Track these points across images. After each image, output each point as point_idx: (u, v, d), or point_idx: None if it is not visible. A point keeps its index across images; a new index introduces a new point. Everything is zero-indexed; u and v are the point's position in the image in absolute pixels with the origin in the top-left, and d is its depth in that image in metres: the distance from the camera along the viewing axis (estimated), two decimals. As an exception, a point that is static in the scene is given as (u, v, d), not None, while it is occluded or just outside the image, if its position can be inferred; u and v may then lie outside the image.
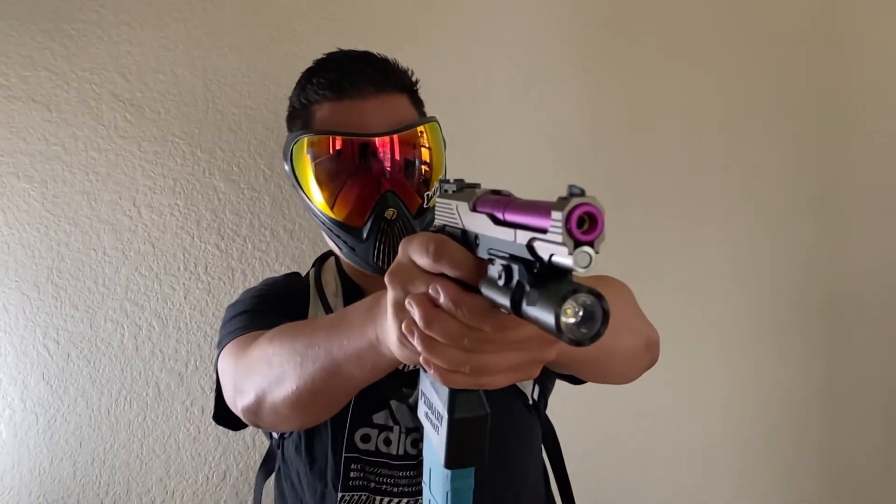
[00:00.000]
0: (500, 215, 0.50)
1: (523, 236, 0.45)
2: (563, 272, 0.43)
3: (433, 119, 1.09)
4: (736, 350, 1.77)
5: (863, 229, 1.82)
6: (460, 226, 0.58)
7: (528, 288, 0.44)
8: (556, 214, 0.40)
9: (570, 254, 0.39)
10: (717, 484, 1.77)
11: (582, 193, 0.40)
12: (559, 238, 0.40)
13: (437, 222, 0.65)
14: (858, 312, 1.84)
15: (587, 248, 0.39)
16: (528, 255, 0.44)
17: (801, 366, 1.81)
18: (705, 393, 1.75)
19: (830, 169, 1.81)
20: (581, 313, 0.41)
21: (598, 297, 0.41)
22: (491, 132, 1.58)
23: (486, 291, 0.49)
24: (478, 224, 0.54)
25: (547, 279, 0.44)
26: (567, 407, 1.28)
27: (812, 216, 1.80)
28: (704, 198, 1.72)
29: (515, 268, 0.46)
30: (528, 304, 0.43)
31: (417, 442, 1.01)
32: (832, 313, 1.83)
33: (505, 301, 0.46)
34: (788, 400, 1.80)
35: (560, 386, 1.12)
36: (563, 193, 0.41)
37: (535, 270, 0.44)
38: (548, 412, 1.17)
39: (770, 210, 1.77)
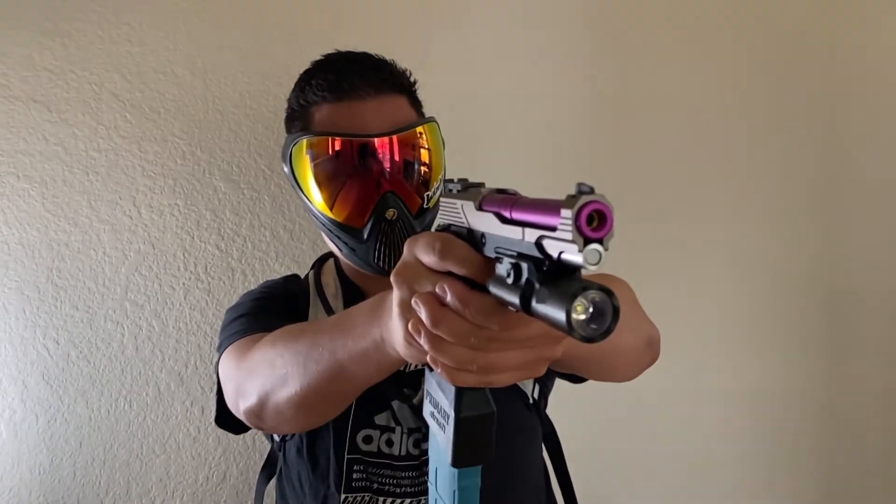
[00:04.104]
0: (507, 214, 0.50)
1: (532, 234, 0.45)
2: (571, 269, 0.44)
3: (432, 119, 1.09)
4: (737, 348, 1.77)
5: (864, 227, 1.82)
6: (466, 225, 0.58)
7: (537, 286, 0.44)
8: (566, 212, 0.40)
9: (580, 251, 0.39)
10: (717, 482, 1.77)
11: (591, 191, 0.40)
12: (569, 235, 0.40)
13: (442, 222, 0.65)
14: (860, 310, 1.84)
15: (597, 246, 0.40)
16: (536, 253, 0.45)
17: (803, 364, 1.81)
18: (706, 391, 1.75)
19: (832, 167, 1.81)
20: (591, 310, 0.42)
21: (608, 293, 0.42)
22: (491, 132, 1.59)
23: (495, 290, 0.49)
24: (484, 223, 0.54)
25: (556, 277, 0.44)
26: (568, 406, 1.28)
27: (813, 214, 1.80)
28: (706, 196, 1.73)
29: (524, 266, 0.46)
30: (538, 302, 0.44)
31: (420, 442, 1.02)
32: (834, 311, 1.83)
33: (514, 299, 0.46)
34: (790, 398, 1.81)
35: (560, 385, 1.13)
36: (571, 191, 0.41)
37: (545, 268, 0.44)
38: (548, 411, 1.17)
39: (771, 208, 1.77)
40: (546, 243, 0.44)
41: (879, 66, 1.83)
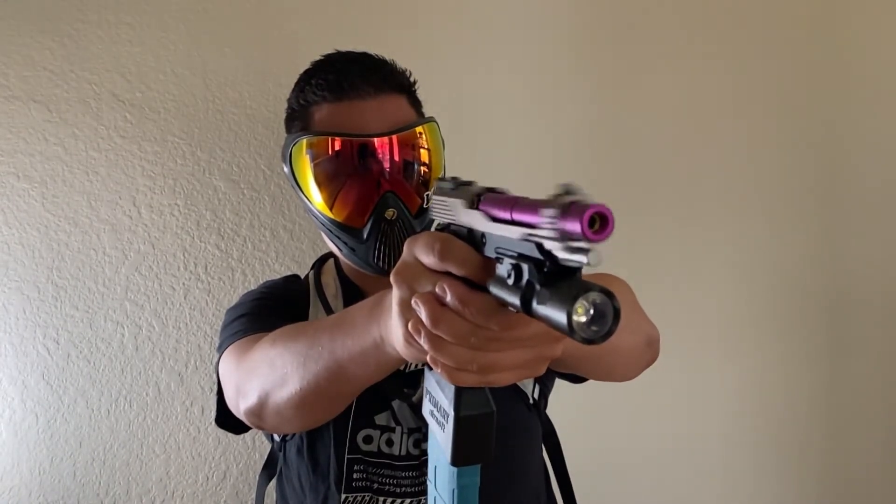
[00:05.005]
0: (508, 215, 0.50)
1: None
2: (572, 271, 0.44)
3: (432, 119, 1.09)
4: (738, 349, 1.77)
5: (866, 228, 1.82)
6: (462, 224, 0.58)
7: (538, 287, 0.44)
8: (550, 210, 0.40)
9: (573, 251, 0.40)
10: (717, 483, 1.77)
11: (573, 192, 0.40)
12: (555, 234, 0.40)
13: (440, 221, 0.65)
14: (861, 311, 1.84)
15: (598, 247, 0.40)
16: (537, 254, 0.45)
17: (804, 365, 1.81)
18: (706, 392, 1.75)
19: (833, 168, 1.81)
20: (592, 312, 0.42)
21: (609, 295, 0.42)
22: (490, 132, 1.59)
23: (495, 290, 0.49)
24: (485, 223, 0.54)
25: (557, 278, 0.44)
26: (567, 406, 1.28)
27: (814, 214, 1.80)
28: (706, 196, 1.73)
29: (525, 267, 0.46)
30: (539, 303, 0.44)
31: (420, 442, 1.02)
32: (835, 312, 1.83)
33: (515, 300, 0.46)
34: (790, 399, 1.81)
35: (560, 385, 1.13)
36: (572, 191, 0.41)
37: (545, 269, 0.45)
38: (548, 412, 1.17)
39: (772, 208, 1.77)
40: (547, 244, 0.44)
41: (880, 67, 1.83)
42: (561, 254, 0.42)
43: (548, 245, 0.43)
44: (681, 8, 1.70)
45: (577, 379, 1.05)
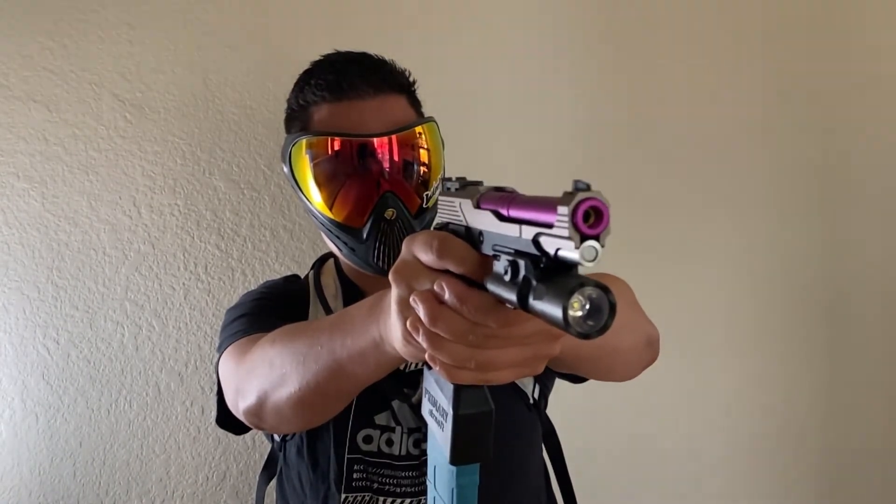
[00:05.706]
0: (504, 211, 0.50)
1: (529, 231, 0.45)
2: (569, 266, 0.44)
3: (431, 119, 1.09)
4: (738, 349, 1.77)
5: (866, 229, 1.82)
6: (464, 223, 0.58)
7: (534, 283, 0.44)
8: (563, 209, 0.40)
9: (577, 248, 0.40)
10: (717, 483, 1.77)
11: (588, 188, 0.40)
12: (565, 232, 0.40)
13: (440, 220, 0.66)
14: (861, 312, 1.84)
15: (593, 242, 0.40)
16: (533, 251, 0.45)
17: (804, 366, 1.81)
18: (706, 392, 1.75)
19: (834, 168, 1.81)
20: (588, 306, 0.42)
21: (605, 290, 0.42)
22: (490, 132, 1.58)
23: (492, 287, 0.49)
24: (482, 221, 0.54)
25: (553, 273, 0.44)
26: (568, 406, 1.28)
27: (815, 214, 1.80)
28: (707, 197, 1.73)
29: (521, 263, 0.46)
30: (535, 299, 0.44)
31: (420, 442, 1.02)
32: (835, 313, 1.83)
33: (511, 296, 0.46)
34: (790, 400, 1.81)
35: (560, 385, 1.13)
36: (569, 189, 0.41)
37: (542, 265, 0.45)
38: (548, 412, 1.17)
39: (773, 208, 1.77)
40: (543, 240, 0.44)
41: (883, 70, 1.82)
42: (556, 248, 0.42)
43: (544, 240, 0.43)
44: (682, 6, 1.70)
45: (577, 379, 1.05)
